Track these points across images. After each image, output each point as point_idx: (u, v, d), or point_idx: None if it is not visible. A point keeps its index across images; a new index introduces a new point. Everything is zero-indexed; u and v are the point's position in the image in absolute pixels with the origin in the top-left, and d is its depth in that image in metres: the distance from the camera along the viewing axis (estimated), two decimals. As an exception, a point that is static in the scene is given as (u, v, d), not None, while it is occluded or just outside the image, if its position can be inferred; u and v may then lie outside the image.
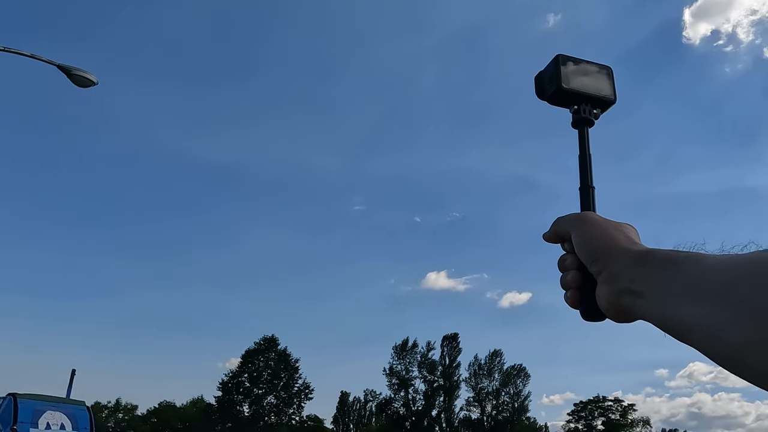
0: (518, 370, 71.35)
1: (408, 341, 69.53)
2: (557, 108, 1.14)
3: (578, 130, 1.14)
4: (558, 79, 1.12)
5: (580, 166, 1.13)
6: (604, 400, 70.28)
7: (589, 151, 1.14)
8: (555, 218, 0.99)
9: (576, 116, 1.14)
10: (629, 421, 69.95)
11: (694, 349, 0.67)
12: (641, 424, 74.51)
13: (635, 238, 0.88)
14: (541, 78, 1.18)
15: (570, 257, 0.94)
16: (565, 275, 0.95)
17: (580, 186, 1.11)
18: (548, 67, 1.16)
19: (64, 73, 11.60)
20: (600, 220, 0.93)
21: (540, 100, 1.17)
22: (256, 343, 61.58)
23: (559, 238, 0.98)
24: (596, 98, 1.14)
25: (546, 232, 1.01)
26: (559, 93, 1.13)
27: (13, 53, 11.42)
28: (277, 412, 59.44)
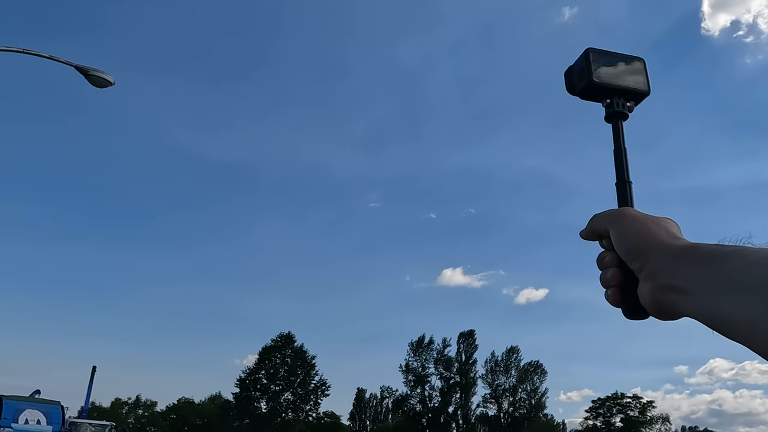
0: (535, 367, 71.06)
1: (424, 338, 69.64)
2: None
3: (612, 124, 1.12)
4: (589, 74, 1.10)
5: (615, 161, 1.10)
6: (623, 396, 69.68)
7: (625, 145, 1.12)
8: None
9: (609, 110, 1.11)
10: (648, 418, 69.32)
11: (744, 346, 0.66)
12: (660, 421, 73.86)
13: (676, 232, 0.86)
14: (570, 73, 1.16)
15: (609, 254, 0.92)
16: (605, 273, 0.92)
17: (616, 181, 1.08)
18: (578, 61, 1.14)
19: (82, 73, 11.76)
20: (639, 216, 0.91)
21: (568, 95, 1.14)
22: (272, 340, 62.06)
23: (596, 236, 0.96)
24: (629, 91, 1.12)
25: (583, 230, 0.98)
26: (590, 87, 1.11)
27: (32, 55, 11.61)
28: (294, 408, 59.82)
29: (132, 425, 71.09)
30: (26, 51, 11.57)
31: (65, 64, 11.78)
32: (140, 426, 72.10)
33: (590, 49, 1.13)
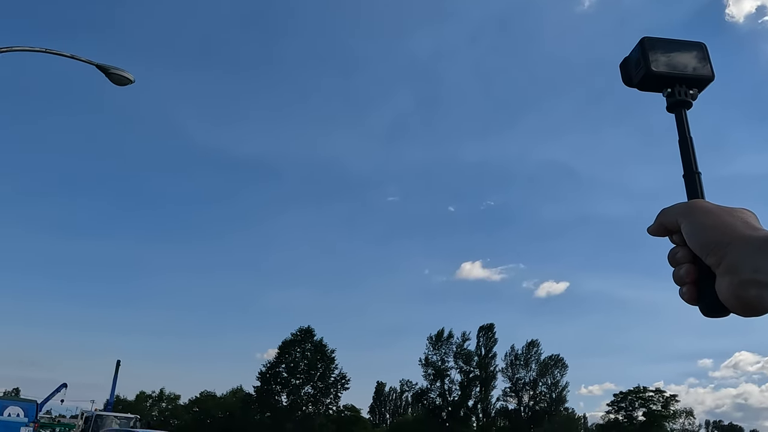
0: (556, 361, 70.62)
1: (443, 332, 69.57)
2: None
3: (675, 113, 1.08)
4: (646, 63, 1.06)
5: (681, 152, 1.06)
6: (645, 390, 68.88)
7: (690, 134, 1.08)
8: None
9: (671, 99, 1.08)
10: (671, 412, 68.48)
11: None
12: (684, 415, 73.01)
13: (755, 223, 0.82)
14: (626, 64, 1.12)
15: (681, 250, 0.87)
16: (678, 270, 0.88)
17: (684, 173, 1.04)
18: (634, 52, 1.10)
19: (103, 72, 11.90)
20: (712, 207, 0.86)
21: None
22: (292, 334, 62.51)
23: (666, 231, 0.92)
24: (691, 78, 1.08)
25: (650, 226, 0.94)
26: (648, 78, 1.07)
27: (55, 54, 11.77)
28: (315, 401, 60.28)
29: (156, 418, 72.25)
30: (48, 51, 11.74)
31: (86, 63, 11.92)
32: (164, 419, 73.26)
33: (645, 38, 1.09)
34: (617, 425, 67.51)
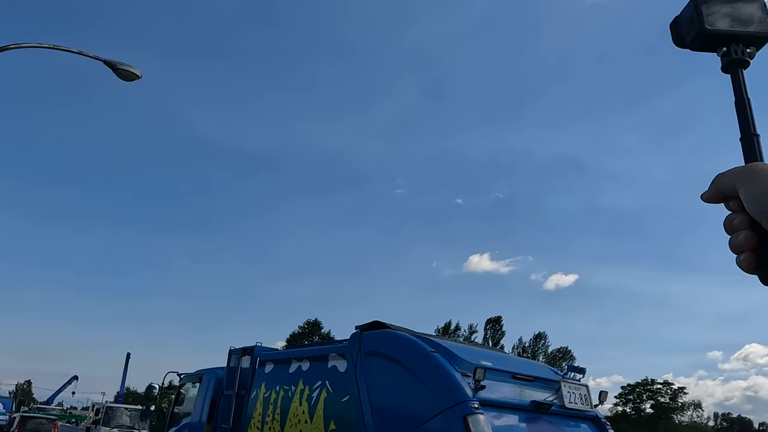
0: (563, 353, 70.57)
1: (450, 324, 69.65)
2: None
3: (730, 74, 1.03)
4: (700, 21, 0.99)
5: (738, 114, 1.01)
6: (653, 383, 68.80)
7: (748, 95, 1.02)
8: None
9: (726, 59, 1.01)
10: (680, 405, 68.40)
11: None
12: (692, 407, 72.81)
13: None
14: (677, 24, 1.05)
15: (739, 216, 0.84)
16: (736, 237, 0.84)
17: (741, 136, 0.99)
18: (685, 9, 1.03)
19: (110, 68, 11.97)
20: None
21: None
22: (300, 326, 62.83)
23: (722, 197, 0.88)
24: (748, 35, 1.01)
25: (705, 192, 0.90)
26: (702, 36, 1.00)
27: (62, 51, 11.85)
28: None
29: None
30: (57, 47, 11.82)
31: (94, 59, 12.00)
32: (174, 410, 73.72)
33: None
34: (625, 417, 67.49)
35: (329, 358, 6.83)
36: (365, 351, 6.27)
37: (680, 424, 67.97)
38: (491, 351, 7.39)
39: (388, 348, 6.08)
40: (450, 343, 6.40)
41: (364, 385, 6.07)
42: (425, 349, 5.75)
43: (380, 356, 6.10)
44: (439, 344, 5.97)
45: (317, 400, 6.70)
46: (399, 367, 5.82)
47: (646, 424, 64.19)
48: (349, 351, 6.48)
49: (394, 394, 5.79)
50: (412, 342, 5.98)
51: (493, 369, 5.69)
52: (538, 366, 7.30)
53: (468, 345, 7.16)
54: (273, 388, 7.56)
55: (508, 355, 7.31)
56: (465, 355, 5.84)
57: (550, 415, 6.03)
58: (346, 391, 6.31)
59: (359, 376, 6.19)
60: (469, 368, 5.49)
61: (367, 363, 6.18)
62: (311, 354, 7.31)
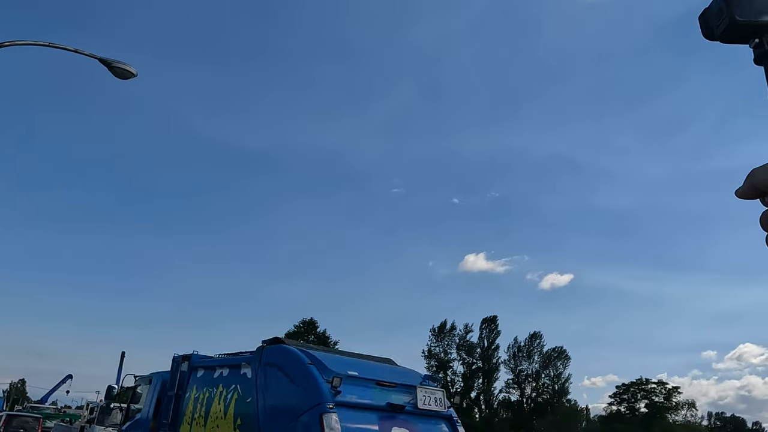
0: (558, 353, 70.77)
1: (446, 323, 69.81)
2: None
3: (764, 65, 1.00)
4: (730, 13, 0.97)
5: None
6: (648, 382, 69.08)
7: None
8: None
9: (759, 51, 0.99)
10: (674, 404, 68.68)
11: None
12: (686, 406, 73.11)
13: None
14: (706, 16, 1.03)
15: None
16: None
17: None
18: (714, 1, 1.01)
19: (106, 66, 11.95)
20: None
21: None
22: (295, 325, 62.83)
23: (757, 192, 0.86)
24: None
25: (739, 188, 0.87)
26: (733, 28, 0.98)
27: (58, 48, 11.82)
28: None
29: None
30: (52, 45, 11.78)
31: (90, 57, 11.97)
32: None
33: None
34: (619, 417, 67.74)
35: (241, 367, 8.13)
36: (264, 362, 7.63)
37: (674, 423, 68.24)
38: (370, 362, 8.43)
39: (278, 360, 7.46)
40: (329, 356, 7.75)
41: (261, 389, 7.43)
42: (304, 361, 7.14)
43: (273, 366, 7.46)
44: (316, 357, 7.29)
45: (230, 401, 8.03)
46: (284, 375, 7.23)
47: (641, 424, 64.41)
48: (254, 361, 7.82)
49: (279, 395, 7.19)
50: (296, 355, 7.34)
51: (356, 377, 7.18)
52: (406, 374, 8.32)
53: (353, 357, 8.25)
54: (201, 390, 8.86)
55: (388, 365, 8.67)
56: (334, 366, 7.16)
57: (406, 414, 7.38)
58: (249, 394, 7.62)
59: (259, 381, 7.54)
60: (336, 375, 6.90)
61: (264, 371, 7.53)
62: (230, 362, 8.53)
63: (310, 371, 6.95)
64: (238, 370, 8.15)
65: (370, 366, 7.97)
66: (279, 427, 6.88)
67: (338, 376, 6.85)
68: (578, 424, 75.24)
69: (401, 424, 7.21)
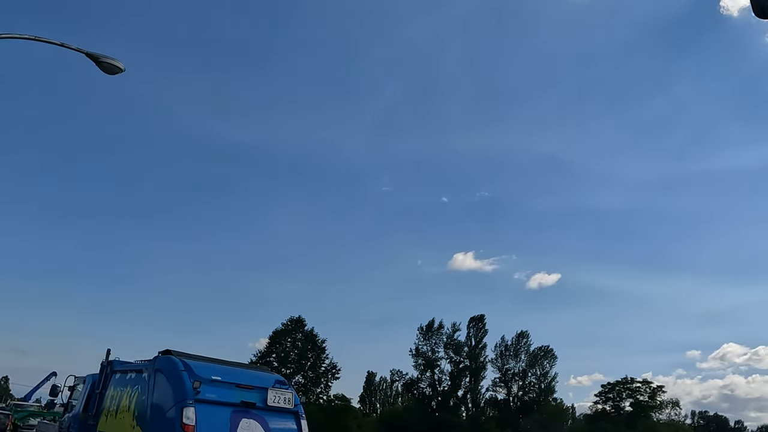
0: (545, 352, 71.12)
1: (434, 322, 69.87)
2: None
3: None
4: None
5: None
6: (633, 381, 69.62)
7: None
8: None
9: None
10: (658, 403, 69.29)
11: None
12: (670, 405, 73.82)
13: None
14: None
15: None
16: None
17: None
18: None
19: (93, 60, 11.81)
20: None
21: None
22: (283, 324, 62.55)
23: None
24: None
25: None
26: None
27: (43, 42, 11.67)
28: (305, 391, 60.46)
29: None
30: (38, 38, 11.63)
31: (76, 51, 11.83)
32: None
33: None
34: (605, 415, 68.24)
35: (143, 371, 9.99)
36: (155, 368, 9.50)
37: (658, 422, 68.90)
38: (239, 369, 10.18)
39: (163, 366, 9.36)
40: (204, 365, 9.46)
41: (151, 389, 9.35)
42: (178, 368, 9.02)
43: (160, 371, 9.36)
44: (189, 365, 9.13)
45: (133, 398, 9.90)
46: (165, 378, 9.12)
47: (625, 423, 64.94)
48: (149, 367, 9.71)
49: (160, 394, 9.11)
50: (174, 363, 9.19)
51: (218, 380, 9.11)
52: (264, 378, 10.17)
53: (228, 366, 10.01)
54: (117, 389, 10.78)
55: (254, 371, 10.78)
56: (202, 372, 9.04)
57: (258, 410, 9.36)
58: (144, 392, 9.51)
59: (150, 383, 9.45)
60: (198, 379, 8.81)
61: (155, 375, 9.43)
62: (136, 368, 10.47)
63: (181, 376, 8.88)
64: (141, 374, 10.04)
65: (235, 372, 9.82)
66: (159, 418, 8.88)
67: (199, 380, 8.80)
68: (564, 422, 75.74)
69: (252, 417, 9.22)
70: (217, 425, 8.71)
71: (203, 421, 8.51)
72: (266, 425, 9.31)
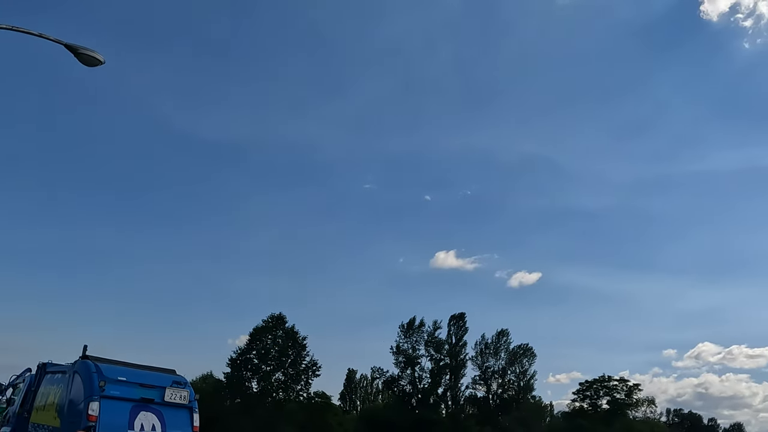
0: (525, 350, 71.74)
1: (415, 320, 70.03)
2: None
3: None
4: None
5: None
6: (610, 379, 70.62)
7: None
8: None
9: None
10: (634, 401, 70.34)
11: None
12: (646, 403, 75.03)
13: None
14: None
15: None
16: None
17: None
18: None
19: (72, 52, 11.59)
20: None
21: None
22: (263, 320, 62.17)
23: None
24: None
25: None
26: None
27: (21, 32, 11.41)
28: (285, 388, 60.20)
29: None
30: (15, 28, 11.37)
31: (55, 42, 11.60)
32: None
33: None
34: (582, 413, 69.08)
35: (65, 372, 11.86)
36: (74, 370, 11.45)
37: (634, 419, 69.94)
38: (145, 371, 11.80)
39: (80, 368, 11.29)
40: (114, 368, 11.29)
41: (70, 387, 11.26)
42: (90, 370, 10.98)
43: (77, 373, 11.28)
44: (100, 368, 11.02)
45: (57, 395, 11.79)
46: (80, 379, 11.10)
47: (602, 420, 65.83)
48: (70, 369, 11.62)
49: (75, 391, 11.09)
50: (87, 366, 11.13)
51: (124, 381, 11.02)
52: (165, 378, 11.91)
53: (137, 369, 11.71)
54: (47, 387, 12.68)
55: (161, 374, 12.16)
56: (110, 374, 10.96)
57: (157, 405, 11.34)
58: (65, 390, 11.42)
59: (68, 382, 11.36)
60: (104, 379, 10.78)
61: (73, 376, 11.36)
62: (62, 369, 12.30)
63: (91, 377, 10.75)
64: (65, 375, 11.80)
65: (141, 373, 11.57)
66: (72, 411, 10.82)
67: (105, 380, 10.73)
68: (542, 420, 76.48)
69: (150, 410, 11.17)
70: (117, 416, 10.67)
71: (106, 412, 10.53)
72: (162, 417, 11.27)
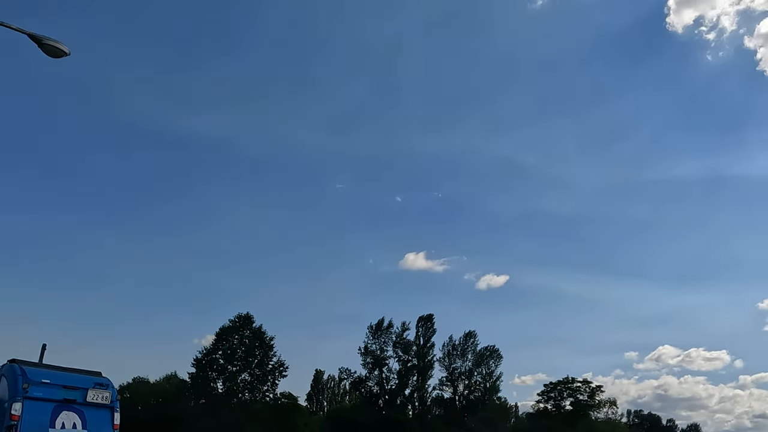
0: (491, 351, 72.48)
1: (383, 321, 70.11)
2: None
3: None
4: None
5: None
6: (573, 381, 71.91)
7: None
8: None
9: None
10: (596, 402, 71.79)
11: None
12: (608, 404, 76.62)
13: None
14: None
15: None
16: None
17: None
18: None
19: (35, 42, 11.28)
20: None
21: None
22: (230, 320, 61.40)
23: None
24: None
25: None
26: None
27: (-19, 20, 11.05)
28: (251, 389, 59.58)
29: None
30: (-25, 15, 10.99)
31: (18, 32, 11.27)
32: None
33: None
34: (546, 414, 70.18)
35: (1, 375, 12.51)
36: (1, 373, 11.98)
37: (596, 420, 71.39)
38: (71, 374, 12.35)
39: (6, 372, 11.85)
40: (39, 370, 11.85)
41: (3, 389, 11.75)
42: (16, 373, 11.52)
43: (3, 376, 11.87)
44: (25, 370, 11.57)
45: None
46: (7, 381, 11.66)
47: (565, 421, 66.99)
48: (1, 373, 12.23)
49: (2, 393, 11.67)
50: (13, 369, 11.68)
51: (48, 383, 11.60)
52: (88, 380, 12.41)
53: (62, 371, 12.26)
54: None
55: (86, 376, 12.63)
56: (34, 376, 11.53)
57: (79, 405, 11.93)
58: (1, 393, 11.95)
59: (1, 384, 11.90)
60: (28, 382, 11.36)
61: (2, 379, 11.87)
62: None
63: (16, 379, 11.38)
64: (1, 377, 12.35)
65: (64, 375, 12.15)
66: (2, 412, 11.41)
67: (28, 382, 11.34)
68: (507, 421, 77.41)
69: (72, 410, 11.79)
70: (39, 416, 11.35)
71: (28, 412, 11.22)
72: (83, 416, 11.96)
